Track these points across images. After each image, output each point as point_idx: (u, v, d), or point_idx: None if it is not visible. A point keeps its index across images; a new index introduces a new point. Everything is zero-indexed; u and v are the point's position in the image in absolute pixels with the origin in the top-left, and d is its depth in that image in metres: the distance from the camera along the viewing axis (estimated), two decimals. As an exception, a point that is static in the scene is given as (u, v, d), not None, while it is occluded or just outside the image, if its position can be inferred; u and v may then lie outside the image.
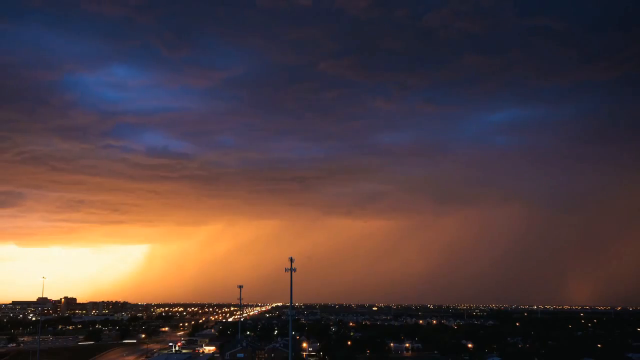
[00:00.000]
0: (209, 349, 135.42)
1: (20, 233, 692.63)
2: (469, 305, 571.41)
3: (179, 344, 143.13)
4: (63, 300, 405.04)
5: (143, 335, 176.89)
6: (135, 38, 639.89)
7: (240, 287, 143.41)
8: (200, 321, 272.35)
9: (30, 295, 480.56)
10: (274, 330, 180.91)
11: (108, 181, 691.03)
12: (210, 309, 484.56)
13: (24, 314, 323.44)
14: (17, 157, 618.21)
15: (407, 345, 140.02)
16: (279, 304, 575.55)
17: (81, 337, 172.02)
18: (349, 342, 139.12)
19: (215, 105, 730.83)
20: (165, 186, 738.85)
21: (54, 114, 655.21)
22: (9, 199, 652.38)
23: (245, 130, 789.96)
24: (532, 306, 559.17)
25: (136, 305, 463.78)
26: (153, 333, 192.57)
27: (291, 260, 75.44)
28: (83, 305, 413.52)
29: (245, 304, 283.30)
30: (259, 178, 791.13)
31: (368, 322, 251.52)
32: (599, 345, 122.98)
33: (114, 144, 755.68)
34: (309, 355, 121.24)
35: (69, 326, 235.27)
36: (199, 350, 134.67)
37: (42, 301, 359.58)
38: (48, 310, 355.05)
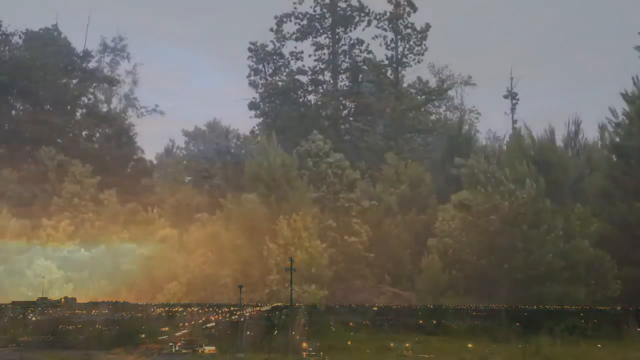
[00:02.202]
0: (209, 349, 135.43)
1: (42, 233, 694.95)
2: (469, 305, 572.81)
3: (179, 344, 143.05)
4: (63, 300, 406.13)
5: (143, 336, 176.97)
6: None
7: (241, 287, 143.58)
8: (200, 321, 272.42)
9: (30, 295, 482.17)
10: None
11: (133, 183, 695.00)
12: (211, 309, 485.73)
13: (24, 314, 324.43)
14: (53, 159, 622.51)
15: (407, 345, 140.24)
16: (279, 304, 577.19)
17: (81, 337, 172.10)
18: (349, 342, 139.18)
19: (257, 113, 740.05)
20: (188, 188, 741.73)
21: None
22: (31, 200, 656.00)
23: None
24: (532, 306, 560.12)
25: (136, 305, 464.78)
26: (153, 333, 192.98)
27: (291, 260, 75.46)
28: (83, 305, 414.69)
29: (245, 304, 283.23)
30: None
31: (368, 322, 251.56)
32: (599, 345, 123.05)
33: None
34: (309, 355, 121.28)
35: (69, 326, 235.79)
36: (198, 350, 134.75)
37: (42, 301, 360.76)
38: (48, 310, 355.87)
